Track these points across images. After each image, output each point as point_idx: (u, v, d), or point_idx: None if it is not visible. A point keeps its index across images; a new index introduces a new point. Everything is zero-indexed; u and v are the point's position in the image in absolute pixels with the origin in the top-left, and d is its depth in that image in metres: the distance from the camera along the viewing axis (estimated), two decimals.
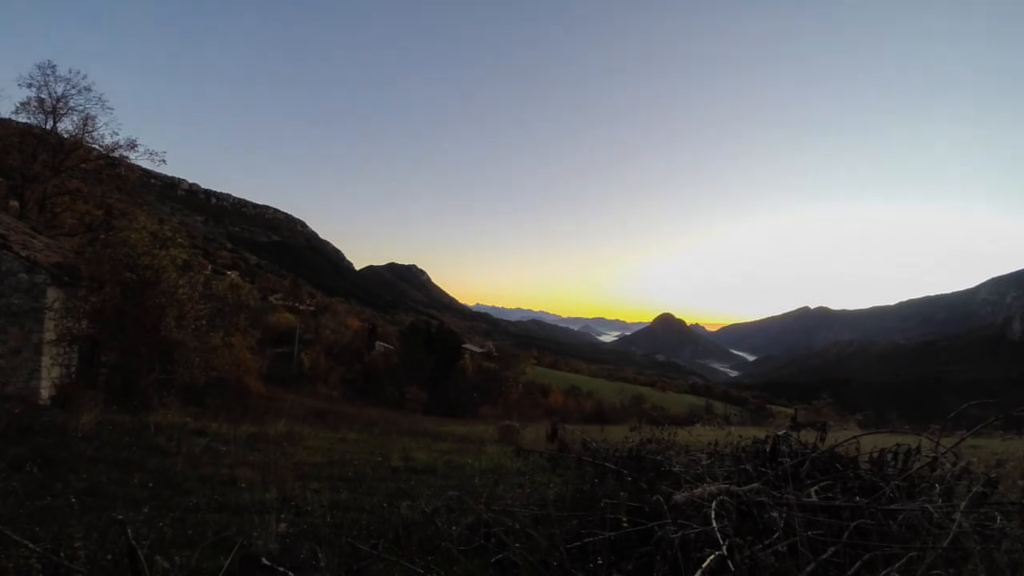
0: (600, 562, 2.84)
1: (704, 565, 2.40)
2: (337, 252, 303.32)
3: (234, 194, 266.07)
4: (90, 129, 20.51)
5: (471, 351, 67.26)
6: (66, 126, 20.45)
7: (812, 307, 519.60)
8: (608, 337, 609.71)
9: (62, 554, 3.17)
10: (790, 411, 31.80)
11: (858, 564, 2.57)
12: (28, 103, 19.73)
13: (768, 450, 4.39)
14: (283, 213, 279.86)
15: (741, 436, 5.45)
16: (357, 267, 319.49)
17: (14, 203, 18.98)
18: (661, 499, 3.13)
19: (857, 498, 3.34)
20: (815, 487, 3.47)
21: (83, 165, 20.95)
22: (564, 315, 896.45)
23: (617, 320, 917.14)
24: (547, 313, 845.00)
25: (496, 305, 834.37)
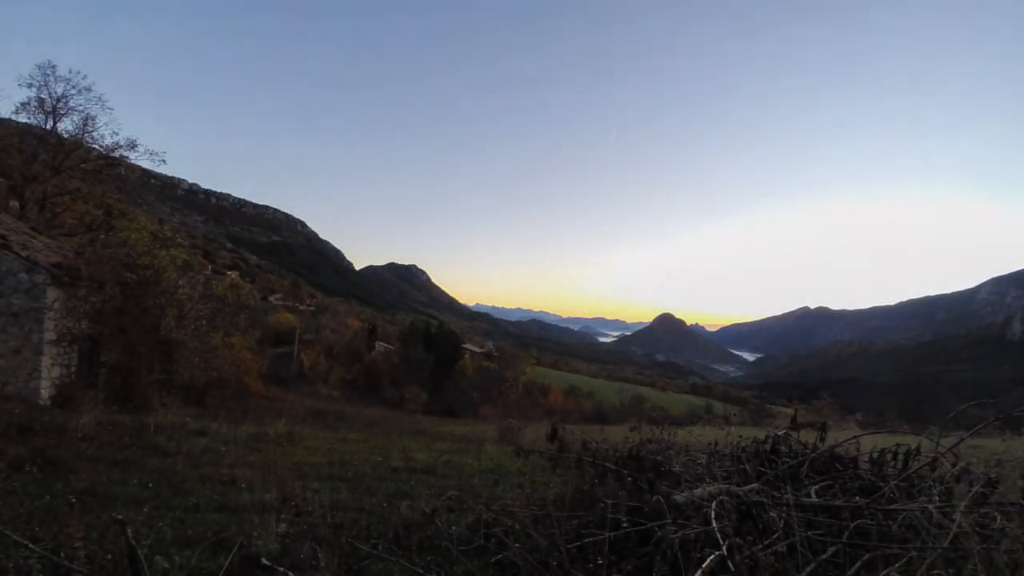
0: (600, 562, 2.84)
1: (704, 565, 2.40)
2: (337, 252, 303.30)
3: (234, 194, 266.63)
4: (90, 129, 20.54)
5: (471, 351, 67.29)
6: (66, 126, 20.48)
7: (812, 307, 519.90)
8: (608, 337, 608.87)
9: (62, 554, 3.17)
10: (790, 411, 31.78)
11: (858, 564, 2.57)
12: (28, 103, 19.76)
13: (768, 450, 4.39)
14: (283, 213, 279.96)
15: (741, 436, 5.44)
16: (357, 267, 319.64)
17: (14, 203, 18.98)
18: (661, 499, 3.13)
19: (857, 498, 3.34)
20: (815, 487, 3.48)
21: (83, 165, 20.95)
22: (564, 315, 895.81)
23: (617, 320, 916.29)
24: (547, 313, 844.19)
25: (496, 305, 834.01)
